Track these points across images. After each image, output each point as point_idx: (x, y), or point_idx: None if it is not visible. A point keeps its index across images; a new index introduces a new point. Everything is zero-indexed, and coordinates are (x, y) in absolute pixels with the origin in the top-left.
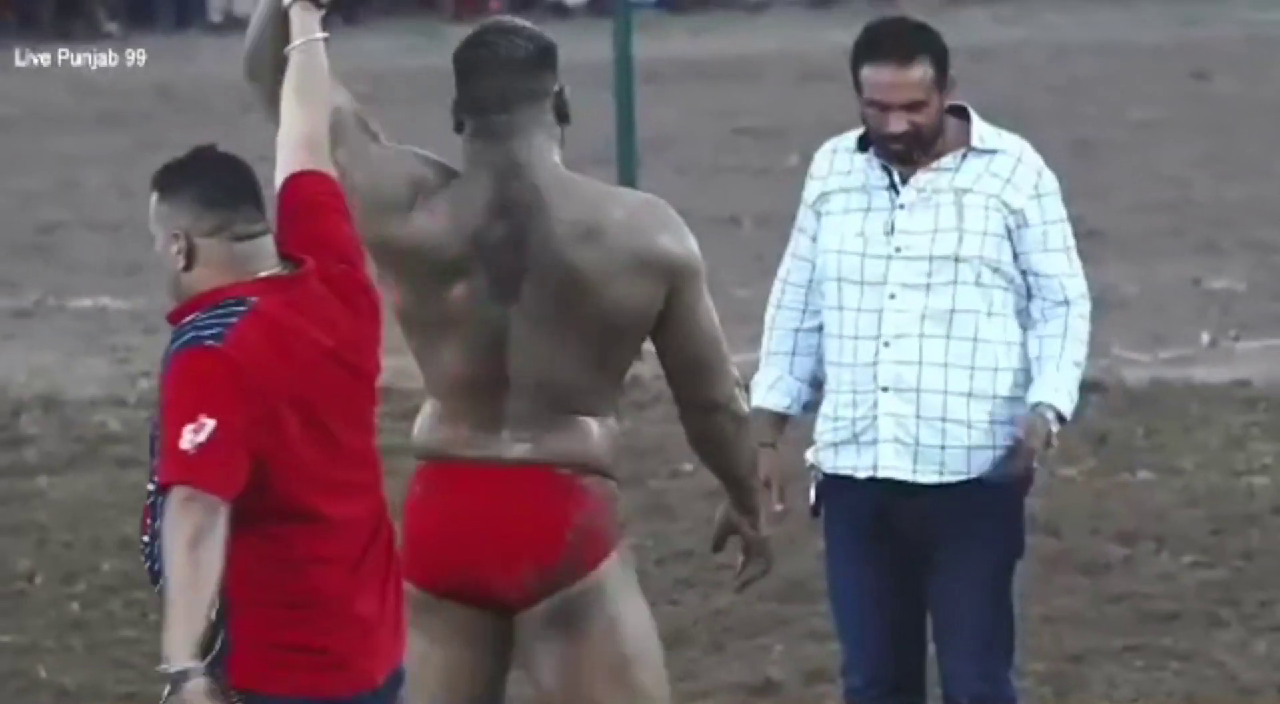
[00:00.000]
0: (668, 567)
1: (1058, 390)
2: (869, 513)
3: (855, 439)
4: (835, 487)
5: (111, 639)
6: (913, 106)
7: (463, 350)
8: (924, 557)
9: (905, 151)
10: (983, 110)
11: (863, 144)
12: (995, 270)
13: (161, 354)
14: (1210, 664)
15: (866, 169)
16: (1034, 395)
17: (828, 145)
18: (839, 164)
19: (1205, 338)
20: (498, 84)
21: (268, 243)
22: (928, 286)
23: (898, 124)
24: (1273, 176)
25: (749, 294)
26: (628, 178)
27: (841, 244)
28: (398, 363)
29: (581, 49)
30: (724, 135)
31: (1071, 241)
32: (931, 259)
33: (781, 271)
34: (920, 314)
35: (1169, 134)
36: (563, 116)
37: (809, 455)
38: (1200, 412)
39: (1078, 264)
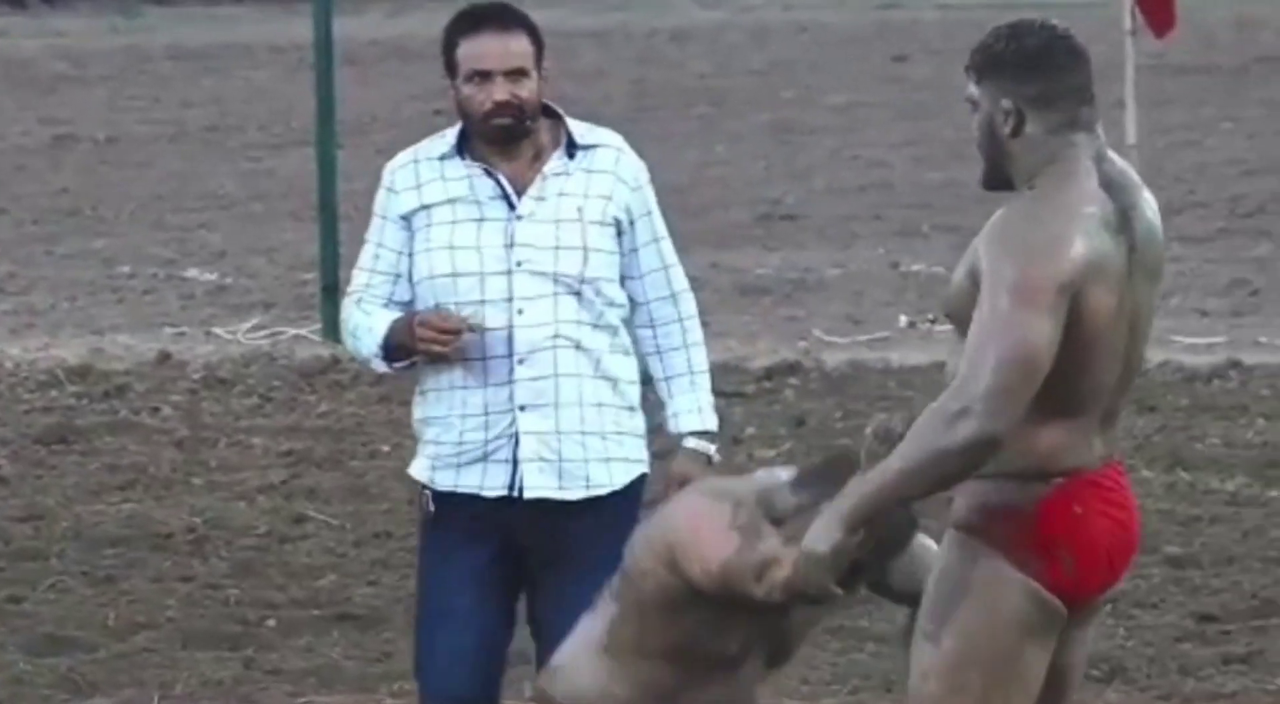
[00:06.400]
0: (365, 548)
1: (702, 410)
2: (499, 529)
3: (486, 459)
4: (455, 502)
5: None
6: (515, 74)
7: (1111, 363)
8: (544, 570)
9: (513, 125)
10: (683, 92)
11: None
12: (610, 281)
13: None
14: None
15: (470, 177)
16: (682, 423)
17: (404, 157)
18: (426, 173)
19: (903, 320)
20: (1088, 74)
21: None
22: (555, 297)
23: (501, 93)
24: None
25: None
26: (328, 160)
27: (454, 265)
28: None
29: (282, 30)
30: (424, 117)
31: (667, 233)
32: (556, 277)
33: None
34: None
35: (868, 117)
36: None
37: (418, 474)
38: (898, 394)
39: (675, 256)
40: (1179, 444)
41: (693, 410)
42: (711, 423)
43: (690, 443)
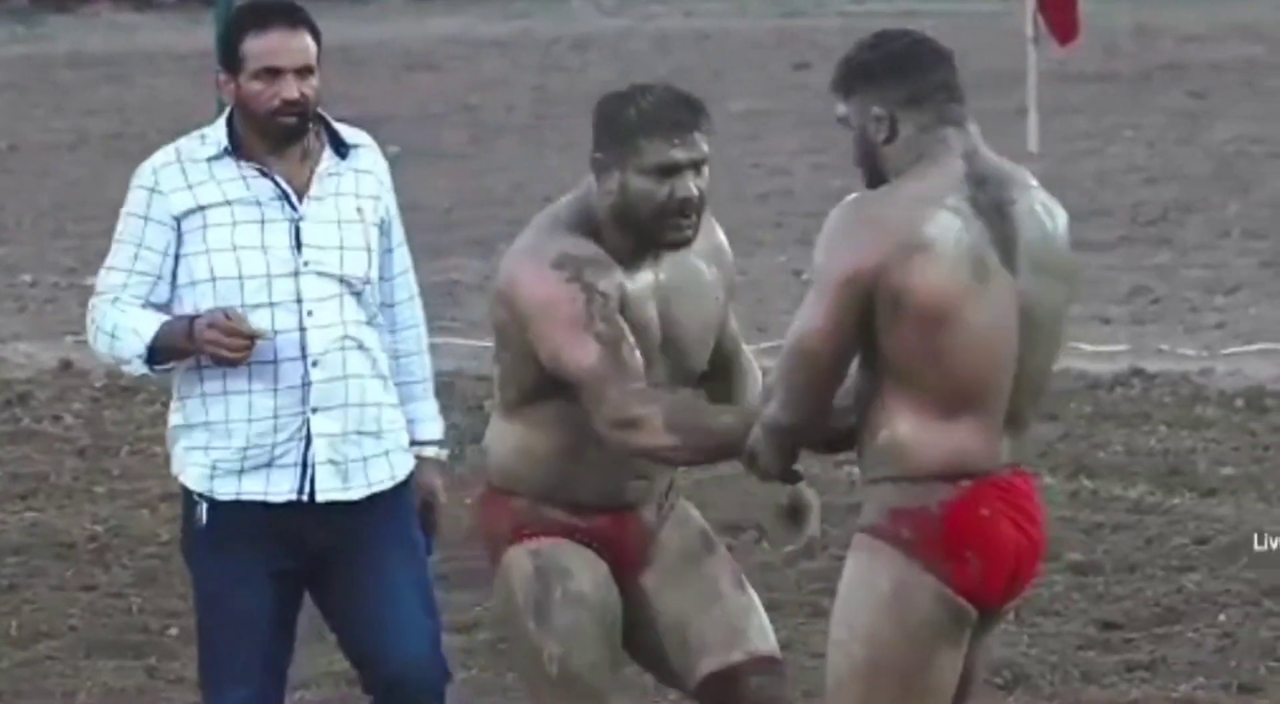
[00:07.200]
0: None
1: (436, 418)
2: (283, 535)
3: (271, 464)
4: (237, 510)
5: None
6: (304, 72)
7: (991, 351)
8: (333, 565)
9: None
10: (586, 99)
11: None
12: (374, 281)
13: None
14: (811, 655)
15: (245, 178)
16: (422, 431)
17: (165, 157)
18: (195, 174)
19: None
20: (954, 72)
21: None
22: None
23: (291, 91)
24: None
25: None
26: None
27: (240, 267)
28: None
29: (183, 38)
30: None
31: None
32: (343, 278)
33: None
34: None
35: (769, 125)
36: None
37: (195, 484)
38: None
39: None
40: (1081, 452)
41: (430, 418)
42: (441, 431)
43: (430, 451)
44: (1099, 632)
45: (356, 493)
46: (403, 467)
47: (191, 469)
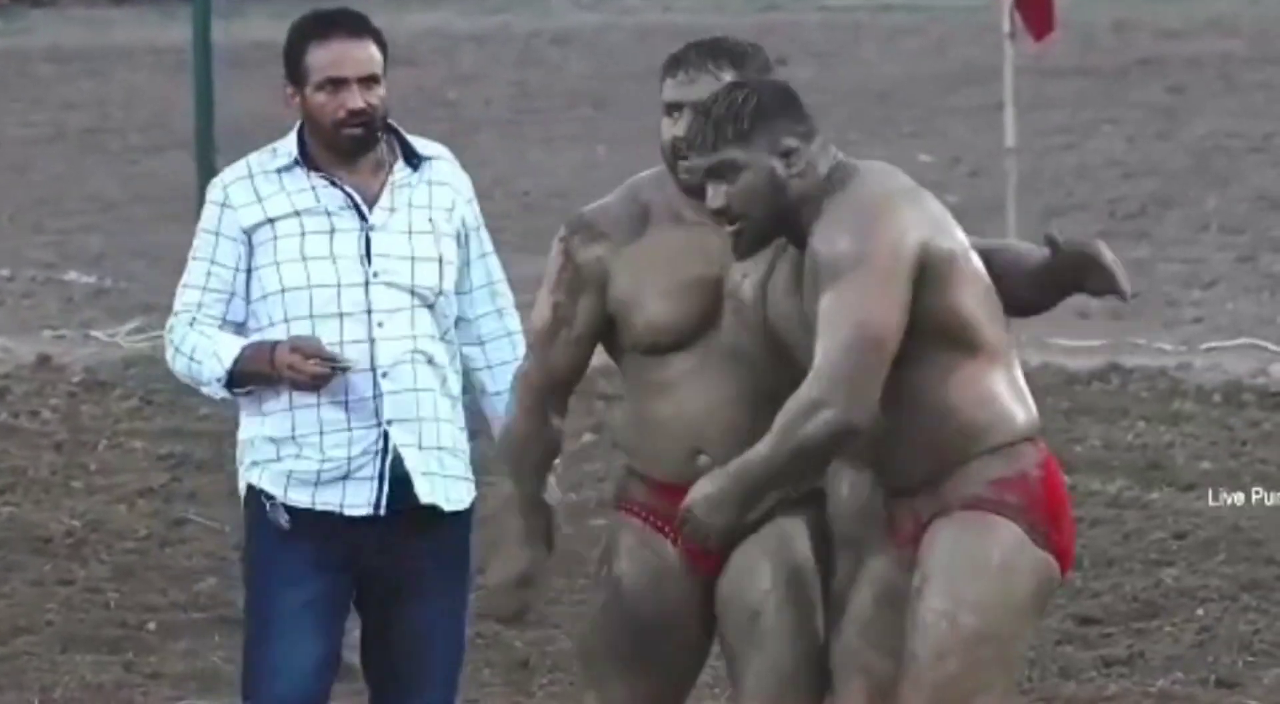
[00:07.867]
0: None
1: None
2: (347, 546)
3: (348, 476)
4: (309, 518)
5: None
6: (369, 81)
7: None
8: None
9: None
10: (564, 94)
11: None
12: (453, 295)
13: None
14: None
15: (315, 188)
16: None
17: (236, 172)
18: (266, 187)
19: None
20: None
21: None
22: (412, 310)
23: (357, 101)
24: None
25: None
26: (206, 164)
27: (309, 277)
28: None
29: (161, 33)
30: None
31: (493, 248)
32: (414, 289)
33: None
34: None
35: None
36: None
37: (269, 486)
38: None
39: (502, 271)
40: (1059, 446)
41: None
42: None
43: None
44: (1077, 627)
45: (429, 499)
46: (465, 496)
47: (264, 474)
